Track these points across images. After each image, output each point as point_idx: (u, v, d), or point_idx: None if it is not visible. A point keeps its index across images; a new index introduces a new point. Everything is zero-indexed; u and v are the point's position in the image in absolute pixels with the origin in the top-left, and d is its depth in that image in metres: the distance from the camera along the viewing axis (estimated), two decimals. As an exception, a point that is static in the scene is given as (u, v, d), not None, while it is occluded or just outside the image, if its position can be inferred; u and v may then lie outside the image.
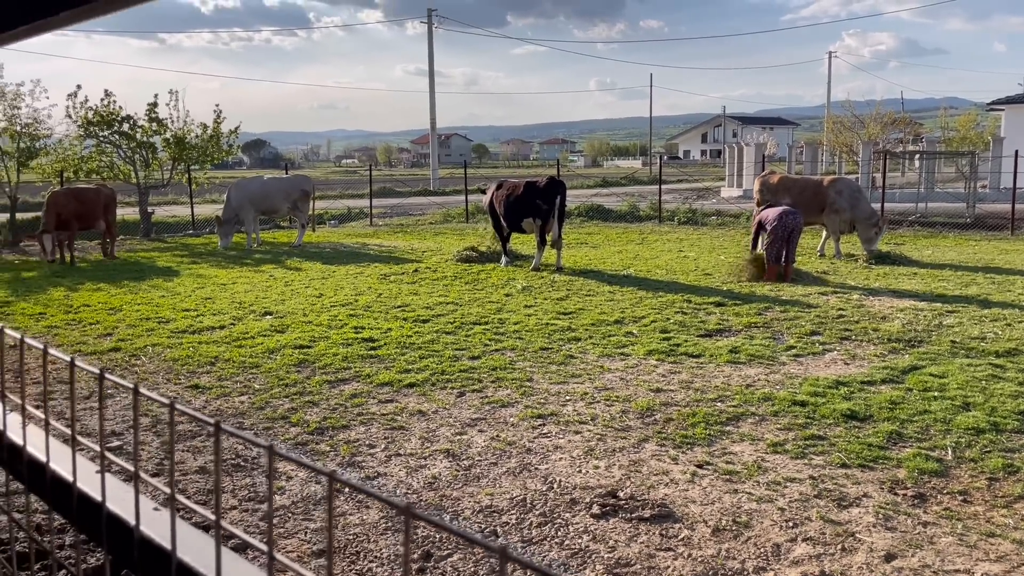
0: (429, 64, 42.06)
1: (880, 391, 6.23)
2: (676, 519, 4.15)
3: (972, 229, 18.55)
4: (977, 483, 4.54)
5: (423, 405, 6.09)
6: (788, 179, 15.47)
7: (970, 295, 10.18)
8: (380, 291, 11.15)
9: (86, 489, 0.85)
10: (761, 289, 10.88)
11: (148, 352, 7.85)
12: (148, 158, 20.22)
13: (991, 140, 30.57)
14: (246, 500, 4.47)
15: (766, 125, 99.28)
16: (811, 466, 4.82)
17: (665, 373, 6.88)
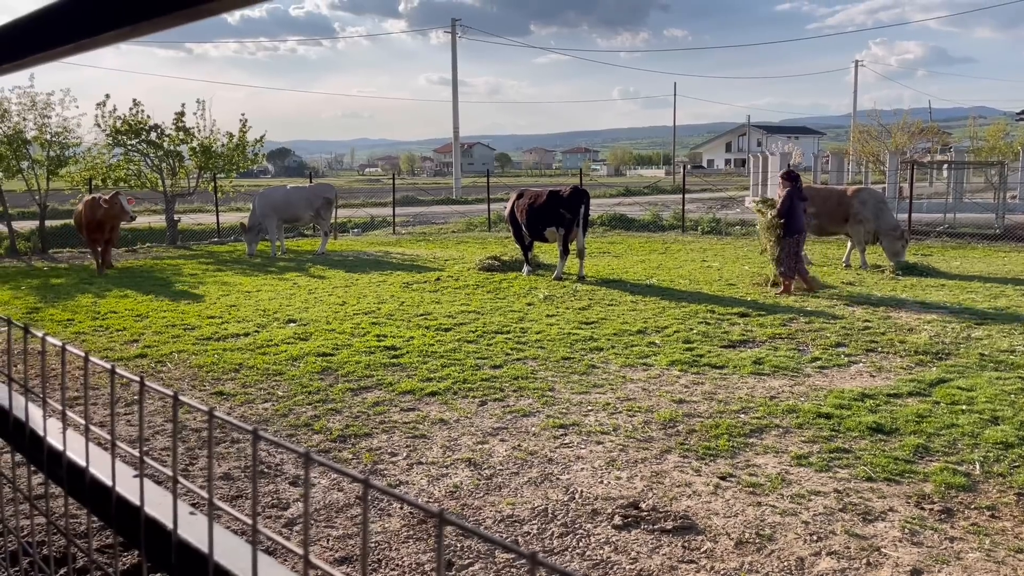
0: (452, 73, 42.31)
1: (907, 404, 6.16)
2: (699, 531, 4.13)
3: (1001, 240, 18.30)
4: (1006, 498, 4.47)
5: (445, 414, 6.11)
6: (811, 188, 15.36)
7: (999, 307, 10.05)
8: (402, 299, 11.21)
9: (125, 493, 0.88)
10: (786, 300, 10.80)
11: (174, 358, 7.95)
12: (175, 166, 20.50)
13: (1021, 150, 30.17)
14: (270, 507, 4.50)
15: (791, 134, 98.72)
16: (836, 479, 4.77)
17: (688, 384, 6.85)
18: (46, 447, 1.02)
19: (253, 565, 0.67)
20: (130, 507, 0.86)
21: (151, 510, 0.84)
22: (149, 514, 0.84)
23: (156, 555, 0.83)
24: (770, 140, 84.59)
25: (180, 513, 0.80)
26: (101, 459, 0.94)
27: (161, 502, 0.85)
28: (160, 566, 0.84)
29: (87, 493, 0.94)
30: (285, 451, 5.30)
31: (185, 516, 0.80)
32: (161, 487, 0.90)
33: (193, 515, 0.81)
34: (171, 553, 0.79)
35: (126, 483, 0.89)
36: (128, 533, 0.88)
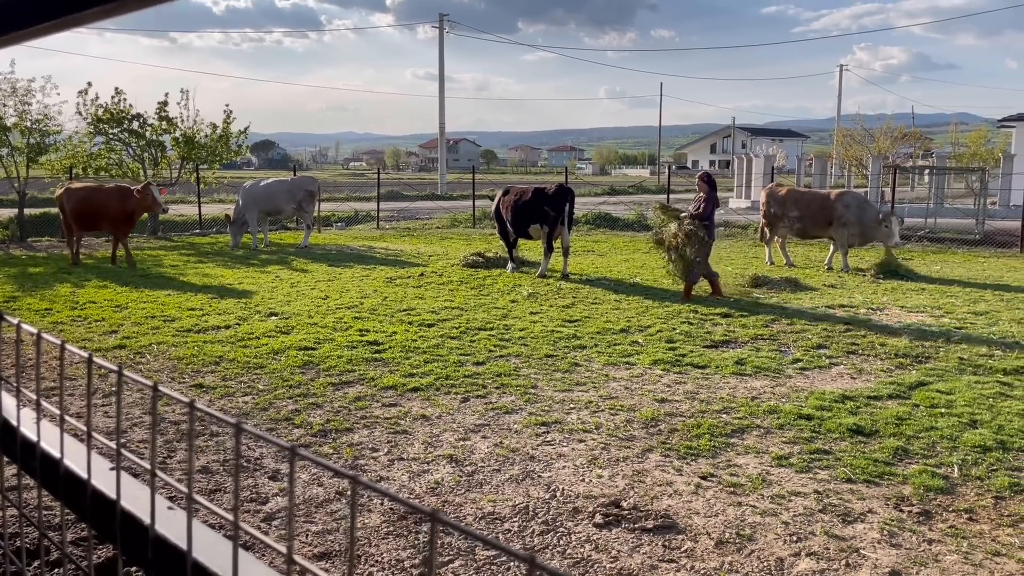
0: (439, 69, 42.19)
1: (886, 406, 6.20)
2: (679, 530, 4.13)
3: (981, 246, 18.49)
4: (983, 501, 4.51)
5: (427, 410, 6.08)
6: (796, 192, 15.46)
7: (979, 312, 10.14)
8: (386, 294, 11.16)
9: (100, 486, 0.85)
10: (768, 301, 10.85)
11: (153, 350, 7.86)
12: (157, 156, 20.29)
13: (1002, 157, 30.52)
14: (249, 501, 4.46)
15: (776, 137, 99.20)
16: (816, 480, 4.79)
17: (670, 383, 6.87)
18: (19, 437, 0.99)
19: (234, 563, 0.65)
20: (105, 500, 0.84)
21: (127, 504, 0.81)
22: (125, 508, 0.81)
23: (132, 550, 0.81)
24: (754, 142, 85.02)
25: (158, 507, 0.77)
26: (77, 451, 0.91)
27: (138, 496, 0.82)
28: (136, 562, 0.81)
29: (61, 485, 0.91)
30: (265, 445, 5.26)
31: (163, 511, 0.78)
32: (138, 480, 0.88)
33: (171, 510, 0.79)
34: (147, 549, 0.76)
35: (102, 476, 0.87)
36: (103, 527, 0.85)
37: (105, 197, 14.08)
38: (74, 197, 14.19)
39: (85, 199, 14.11)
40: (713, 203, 11.11)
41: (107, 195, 14.14)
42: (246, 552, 0.69)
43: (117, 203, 13.96)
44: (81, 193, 14.28)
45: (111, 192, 14.25)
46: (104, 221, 14.18)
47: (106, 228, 14.42)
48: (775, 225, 14.88)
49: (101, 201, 14.03)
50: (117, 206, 13.95)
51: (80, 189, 14.56)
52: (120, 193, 14.16)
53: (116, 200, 14.00)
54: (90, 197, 14.12)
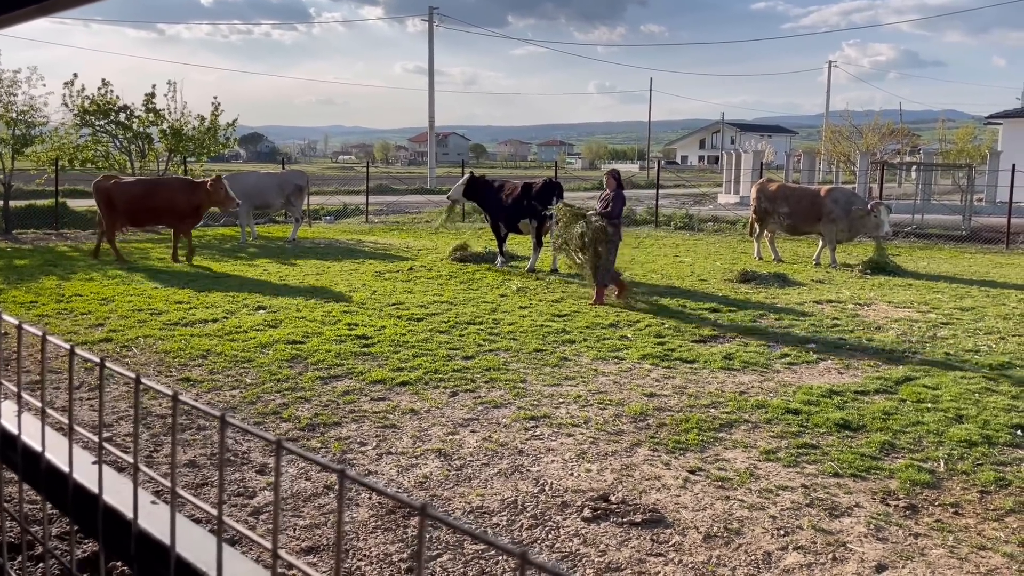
0: (429, 62, 42.04)
1: (873, 401, 6.23)
2: (667, 524, 4.14)
3: (968, 242, 18.61)
4: (969, 495, 4.54)
5: (415, 404, 6.07)
6: (786, 188, 15.50)
7: (965, 307, 10.21)
8: (374, 288, 11.12)
9: (82, 480, 0.83)
10: (757, 296, 10.89)
11: (139, 343, 7.81)
12: (144, 149, 20.13)
13: (988, 154, 30.70)
14: (235, 495, 4.44)
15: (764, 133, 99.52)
16: (803, 475, 4.81)
17: (659, 378, 6.88)
18: (0, 431, 0.97)
19: (218, 558, 0.64)
20: (88, 495, 0.82)
21: (110, 498, 0.80)
22: (108, 503, 0.79)
23: (115, 545, 0.79)
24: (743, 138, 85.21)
25: (141, 502, 0.76)
26: (59, 444, 0.90)
27: (121, 490, 0.81)
28: (119, 557, 0.80)
29: (43, 479, 0.89)
30: (252, 439, 5.23)
31: (146, 505, 0.76)
32: (122, 475, 0.86)
33: (155, 504, 0.78)
34: (131, 544, 0.75)
35: (84, 470, 0.85)
36: (85, 522, 0.83)
37: (169, 191, 13.47)
38: (129, 191, 13.43)
39: (146, 193, 13.40)
40: (622, 202, 10.51)
41: (171, 188, 13.55)
42: (230, 547, 0.68)
43: (183, 196, 13.36)
44: (139, 187, 13.61)
45: (175, 185, 13.68)
46: (167, 216, 13.52)
47: (168, 223, 13.74)
48: (765, 221, 14.92)
49: (164, 195, 13.37)
50: (183, 200, 13.35)
51: (137, 183, 13.88)
52: (185, 186, 13.62)
53: (182, 193, 13.40)
54: (152, 191, 13.45)
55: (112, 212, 13.44)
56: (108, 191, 13.45)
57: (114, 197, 13.39)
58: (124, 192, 13.42)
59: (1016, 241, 18.03)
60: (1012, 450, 5.24)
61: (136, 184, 13.88)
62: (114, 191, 13.43)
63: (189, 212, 13.49)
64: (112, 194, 13.40)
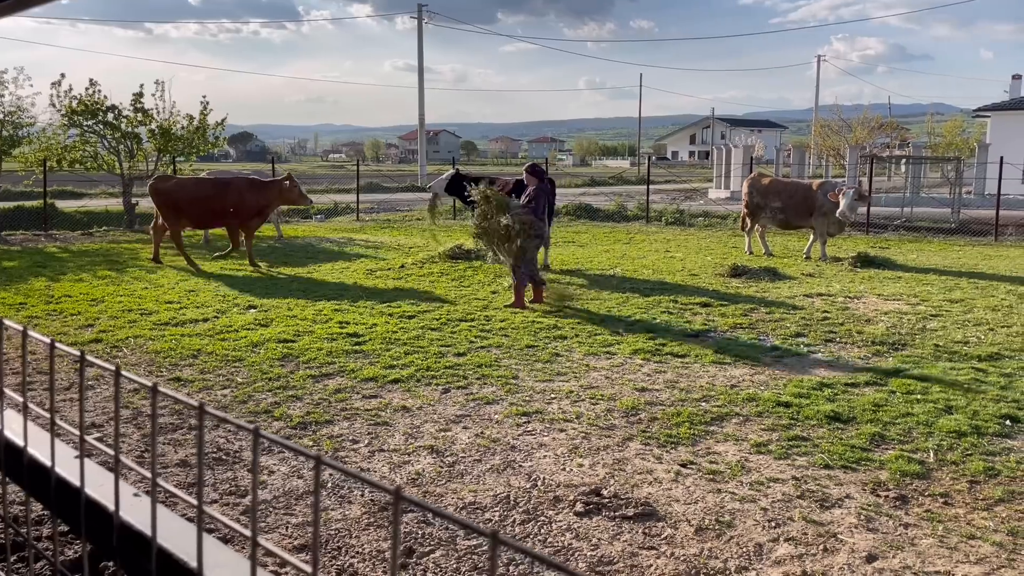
0: (418, 60, 41.96)
1: (864, 393, 6.26)
2: (659, 518, 4.15)
3: (957, 234, 18.70)
4: (958, 486, 4.57)
5: (407, 401, 6.06)
6: (778, 182, 15.54)
7: (954, 299, 10.26)
8: (366, 286, 11.11)
9: (65, 475, 0.83)
10: (747, 290, 10.92)
11: (130, 344, 7.78)
12: (133, 149, 20.03)
13: (977, 146, 30.86)
14: (227, 494, 4.43)
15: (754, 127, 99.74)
16: (794, 467, 4.83)
17: (650, 372, 6.89)
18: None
19: (198, 547, 0.64)
20: (70, 489, 0.82)
21: (92, 492, 0.79)
22: (90, 496, 0.79)
23: (98, 539, 0.79)
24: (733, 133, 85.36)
25: (122, 495, 0.76)
26: (41, 439, 0.90)
27: (103, 484, 0.81)
28: (103, 550, 0.80)
29: (25, 474, 0.89)
30: (244, 437, 5.22)
31: (128, 498, 0.76)
32: (104, 468, 0.86)
33: (137, 497, 0.78)
34: (113, 537, 0.75)
35: (67, 464, 0.85)
36: (68, 516, 0.83)
37: (238, 191, 13.12)
38: (196, 192, 13.11)
39: (216, 194, 13.05)
40: (546, 198, 9.96)
41: (240, 188, 13.21)
42: (211, 538, 0.68)
43: (252, 196, 13.06)
44: (207, 187, 13.31)
45: (244, 184, 13.38)
46: (236, 216, 13.02)
47: (234, 223, 13.23)
48: (757, 215, 14.96)
49: (233, 195, 13.01)
50: (252, 199, 13.04)
51: (204, 183, 13.63)
52: (254, 185, 13.34)
53: (250, 193, 13.10)
54: (221, 191, 13.08)
55: (176, 213, 13.02)
56: (171, 192, 13.03)
57: (178, 198, 12.98)
58: (189, 192, 13.07)
59: (1004, 233, 18.13)
60: (1001, 440, 5.27)
61: (203, 184, 13.58)
62: (178, 192, 13.03)
63: (256, 212, 13.17)
64: (176, 195, 12.99)
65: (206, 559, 0.63)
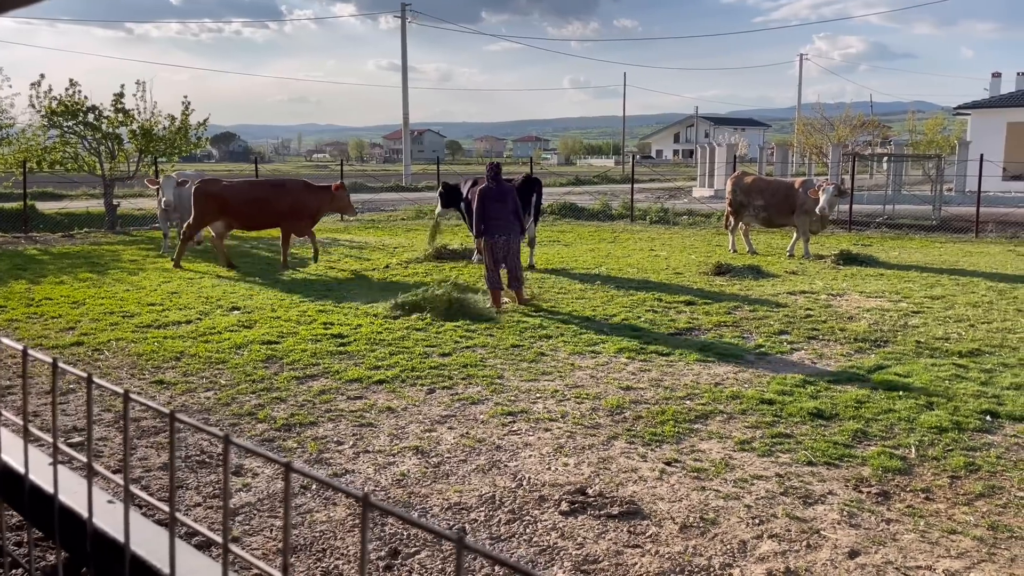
0: (402, 59, 41.86)
1: (846, 390, 6.30)
2: (644, 516, 4.16)
3: (938, 231, 18.87)
4: (939, 481, 4.61)
5: (392, 402, 6.05)
6: (761, 180, 15.62)
7: (935, 296, 10.35)
8: (350, 287, 11.08)
9: (38, 481, 0.82)
10: (731, 288, 10.97)
11: (111, 347, 7.72)
12: (114, 149, 19.87)
13: (957, 144, 31.15)
14: (210, 497, 4.41)
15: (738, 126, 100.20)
16: (778, 464, 4.86)
17: (635, 371, 6.91)
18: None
19: (171, 554, 0.63)
20: (43, 496, 0.81)
21: (65, 498, 0.79)
22: (64, 503, 0.79)
23: (72, 546, 0.79)
24: (717, 131, 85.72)
25: (96, 502, 0.75)
26: (15, 446, 0.89)
27: (77, 491, 0.80)
28: (77, 557, 0.79)
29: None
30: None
31: (102, 504, 0.76)
32: (78, 475, 0.86)
33: (111, 503, 0.77)
34: (87, 543, 0.75)
35: (41, 471, 0.84)
36: (42, 523, 0.83)
37: (292, 194, 12.99)
38: (249, 194, 12.89)
39: (272, 196, 12.89)
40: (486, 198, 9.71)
41: (294, 191, 13.08)
42: (184, 544, 0.68)
43: (306, 199, 12.96)
44: (261, 190, 13.14)
45: (298, 187, 13.25)
46: (289, 218, 12.84)
47: (287, 226, 13.01)
48: (740, 213, 15.03)
49: (288, 198, 12.88)
50: (306, 202, 12.88)
51: (256, 185, 13.51)
52: (307, 188, 13.20)
53: (304, 195, 12.99)
54: (277, 194, 12.95)
55: (225, 216, 12.85)
56: (221, 194, 12.83)
57: (229, 200, 12.78)
58: (242, 195, 12.90)
59: (985, 230, 18.31)
60: (981, 435, 5.33)
61: (256, 186, 13.47)
62: (230, 194, 12.85)
63: (309, 215, 13.06)
64: (226, 197, 12.79)
65: (179, 565, 0.63)
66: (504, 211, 9.70)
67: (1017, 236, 17.70)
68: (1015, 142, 32.96)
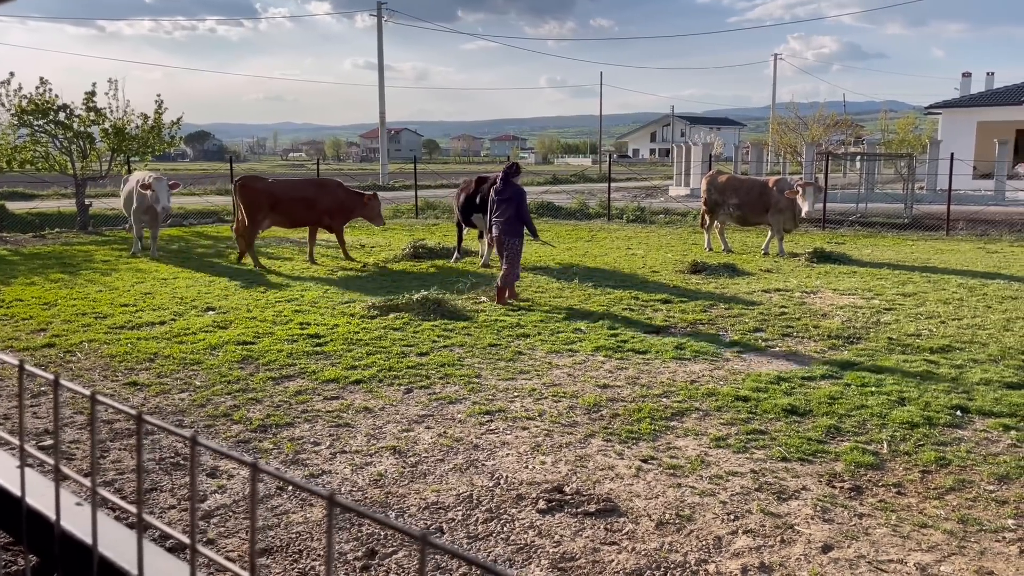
0: (379, 58, 41.69)
1: (820, 386, 6.38)
2: (621, 513, 4.19)
3: (910, 229, 19.11)
4: (911, 475, 4.68)
5: (369, 402, 6.04)
6: (735, 179, 15.74)
7: (907, 293, 10.50)
8: (327, 287, 11.02)
9: (6, 485, 0.82)
10: (707, 286, 11.05)
11: (84, 348, 7.63)
12: (85, 148, 19.61)
13: (928, 143, 31.57)
14: (185, 499, 4.37)
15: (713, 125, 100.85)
16: (753, 460, 4.91)
17: (612, 369, 6.94)
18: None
19: (139, 556, 0.63)
20: (11, 498, 0.81)
21: (33, 501, 0.78)
22: (31, 506, 0.78)
23: (40, 549, 0.78)
24: (693, 130, 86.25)
25: (64, 504, 0.75)
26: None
27: (45, 493, 0.80)
28: (45, 560, 0.79)
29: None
30: (202, 442, 5.15)
31: (70, 507, 0.75)
32: (46, 477, 0.85)
33: (79, 506, 0.77)
34: (55, 546, 0.74)
35: (8, 474, 0.84)
36: (9, 527, 0.82)
37: (333, 192, 13.45)
38: (299, 192, 13.31)
39: (319, 194, 13.30)
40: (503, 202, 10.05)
41: (334, 189, 13.55)
42: (153, 545, 0.68)
43: (345, 197, 13.43)
44: (310, 188, 13.54)
45: (336, 185, 13.72)
46: (330, 216, 13.33)
47: (326, 224, 13.46)
48: (715, 212, 15.14)
49: (331, 196, 13.32)
50: (344, 201, 13.42)
51: (301, 184, 13.89)
52: (346, 189, 13.69)
53: (343, 193, 13.47)
54: (323, 192, 13.40)
55: (272, 211, 13.10)
56: (270, 190, 13.11)
57: (279, 196, 13.06)
58: (291, 192, 13.25)
59: (955, 228, 18.58)
60: (952, 430, 5.41)
61: (303, 185, 13.85)
62: (279, 191, 13.18)
63: (346, 213, 13.57)
64: (276, 193, 13.07)
65: (147, 567, 0.63)
66: (506, 211, 9.99)
67: (987, 234, 17.98)
68: (985, 141, 33.51)
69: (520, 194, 10.12)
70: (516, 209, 10.00)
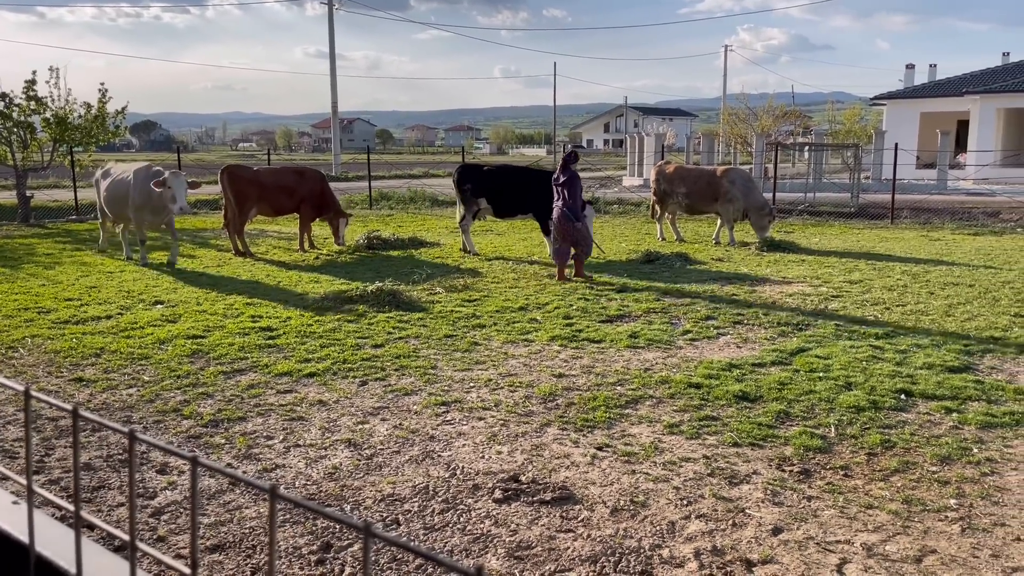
0: (330, 46, 41.14)
1: (770, 373, 6.50)
2: (576, 501, 4.22)
3: (856, 218, 19.55)
4: (857, 458, 4.80)
5: (324, 395, 5.98)
6: (683, 169, 15.91)
7: (853, 280, 10.74)
8: (279, 279, 10.87)
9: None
10: (660, 276, 11.16)
11: (27, 344, 7.42)
12: (26, 138, 19.01)
13: (874, 133, 32.29)
14: (135, 496, 4.28)
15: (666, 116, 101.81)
16: (705, 446, 4.99)
17: (567, 358, 6.98)
18: None
19: (77, 554, 0.62)
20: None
21: (-34, 502, 0.76)
22: (-35, 506, 0.76)
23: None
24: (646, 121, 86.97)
25: (1, 503, 0.73)
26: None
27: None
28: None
29: None
30: (152, 438, 5.05)
31: (6, 506, 0.73)
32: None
33: (16, 504, 0.74)
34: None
35: (-60, 474, 0.81)
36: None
37: (313, 180, 13.61)
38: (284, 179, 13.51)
39: (298, 182, 13.44)
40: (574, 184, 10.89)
41: (315, 179, 13.70)
42: (92, 543, 0.66)
43: (327, 188, 13.72)
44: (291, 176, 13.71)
45: (318, 175, 13.87)
46: (311, 204, 13.52)
47: (305, 212, 13.61)
48: (665, 202, 15.29)
49: (311, 184, 13.49)
50: (328, 191, 13.70)
51: (281, 170, 14.06)
52: (322, 180, 13.81)
53: (326, 185, 13.73)
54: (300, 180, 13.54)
55: (261, 202, 13.12)
56: (256, 177, 13.15)
57: (266, 184, 13.10)
58: (276, 179, 13.39)
59: (900, 216, 19.05)
60: (896, 414, 5.56)
61: (280, 173, 14.10)
62: (265, 178, 13.23)
63: (318, 208, 13.68)
64: (256, 182, 13.04)
65: (86, 564, 0.62)
66: (561, 194, 10.87)
67: (930, 222, 18.48)
68: (928, 131, 34.40)
69: (574, 178, 10.83)
70: (570, 192, 10.81)
